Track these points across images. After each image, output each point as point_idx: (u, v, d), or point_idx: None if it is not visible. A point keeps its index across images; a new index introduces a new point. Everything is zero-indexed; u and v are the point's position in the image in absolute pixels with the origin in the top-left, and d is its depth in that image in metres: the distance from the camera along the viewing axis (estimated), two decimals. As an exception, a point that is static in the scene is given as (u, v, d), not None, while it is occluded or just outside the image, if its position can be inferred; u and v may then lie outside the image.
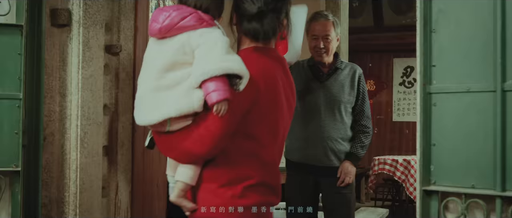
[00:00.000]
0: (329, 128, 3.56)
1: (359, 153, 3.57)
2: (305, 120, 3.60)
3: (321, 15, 3.54)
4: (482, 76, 2.15)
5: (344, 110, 3.57)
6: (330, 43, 3.48)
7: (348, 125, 3.61)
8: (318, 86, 3.54)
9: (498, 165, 2.08)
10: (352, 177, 3.54)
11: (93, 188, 2.96)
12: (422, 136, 2.24)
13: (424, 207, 2.24)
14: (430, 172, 2.23)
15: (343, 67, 3.55)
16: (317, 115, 3.55)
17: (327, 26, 3.49)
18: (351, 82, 3.53)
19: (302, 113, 3.60)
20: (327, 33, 3.48)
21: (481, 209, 2.15)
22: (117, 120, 3.19)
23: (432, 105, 2.23)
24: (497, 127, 2.09)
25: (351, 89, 3.53)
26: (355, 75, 3.55)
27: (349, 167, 3.53)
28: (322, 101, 3.54)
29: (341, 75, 3.54)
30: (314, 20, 3.53)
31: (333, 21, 3.52)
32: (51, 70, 2.84)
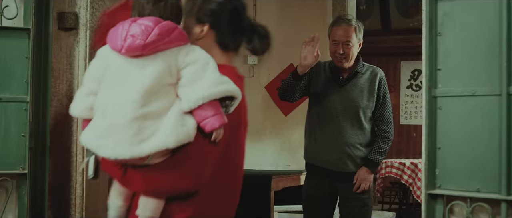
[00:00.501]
0: (347, 134, 3.51)
1: (377, 159, 3.49)
2: (324, 124, 3.55)
3: (343, 20, 3.48)
4: (487, 80, 2.15)
5: (363, 115, 3.50)
6: (350, 49, 3.41)
7: (368, 130, 3.54)
8: (338, 90, 3.49)
9: (504, 169, 2.08)
10: (368, 184, 3.49)
11: (99, 191, 2.97)
12: (427, 139, 2.24)
13: (429, 211, 2.24)
14: (435, 175, 2.23)
15: (364, 71, 3.50)
16: (335, 120, 3.51)
17: (348, 31, 3.42)
18: (371, 86, 3.47)
19: (321, 116, 3.56)
20: (348, 40, 3.40)
21: (486, 213, 2.15)
22: (124, 123, 3.20)
23: (438, 109, 2.23)
24: (502, 130, 2.09)
25: (370, 94, 3.46)
26: (376, 79, 3.49)
27: (365, 173, 3.48)
28: (340, 106, 3.48)
29: (361, 80, 3.48)
30: (336, 25, 3.48)
31: (355, 26, 3.45)
32: (58, 73, 2.86)
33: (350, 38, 3.40)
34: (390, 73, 10.19)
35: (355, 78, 3.48)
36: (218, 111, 1.63)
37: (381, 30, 9.09)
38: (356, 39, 3.44)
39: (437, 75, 2.24)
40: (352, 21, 3.47)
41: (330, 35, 3.52)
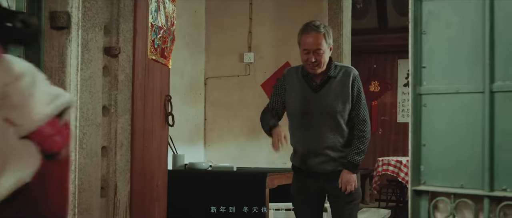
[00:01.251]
0: (327, 139, 3.53)
1: (356, 160, 3.51)
2: (304, 131, 3.56)
3: (312, 27, 3.42)
4: (471, 78, 2.18)
5: (341, 118, 3.52)
6: (322, 56, 3.38)
7: (347, 131, 3.55)
8: (313, 97, 3.48)
9: (486, 166, 2.11)
10: (353, 184, 3.53)
11: (92, 188, 3.00)
12: (413, 137, 2.27)
13: (415, 207, 2.27)
14: (420, 172, 2.26)
15: (336, 74, 3.47)
16: (315, 126, 3.53)
17: (318, 39, 3.37)
18: (345, 88, 3.44)
19: (301, 123, 3.57)
20: (319, 47, 3.36)
21: (470, 209, 2.18)
22: (116, 121, 3.23)
23: (422, 106, 2.27)
24: (485, 127, 2.12)
25: (346, 96, 3.44)
26: (349, 80, 3.46)
27: (347, 175, 3.51)
28: (317, 112, 3.50)
29: (335, 83, 3.46)
30: (305, 33, 3.42)
31: (324, 32, 3.39)
32: (50, 72, 2.88)
33: (321, 46, 3.36)
34: (387, 72, 10.22)
35: (329, 83, 3.46)
36: (59, 128, 1.46)
37: (378, 29, 9.12)
38: (326, 45, 3.39)
39: (422, 73, 2.27)
40: (320, 27, 3.40)
41: (300, 43, 3.45)
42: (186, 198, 4.59)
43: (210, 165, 4.91)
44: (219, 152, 6.36)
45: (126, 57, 3.29)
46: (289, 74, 3.56)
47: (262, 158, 6.08)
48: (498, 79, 2.11)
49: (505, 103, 2.09)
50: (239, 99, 6.32)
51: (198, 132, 6.36)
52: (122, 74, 3.27)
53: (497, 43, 2.12)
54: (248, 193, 4.41)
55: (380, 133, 9.97)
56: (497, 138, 2.10)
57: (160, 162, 3.66)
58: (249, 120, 6.25)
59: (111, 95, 3.22)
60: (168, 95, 3.73)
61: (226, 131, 6.38)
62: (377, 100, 10.02)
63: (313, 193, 3.65)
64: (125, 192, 3.26)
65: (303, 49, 3.40)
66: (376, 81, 10.08)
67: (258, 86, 6.25)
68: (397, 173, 7.47)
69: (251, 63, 6.27)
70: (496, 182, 2.10)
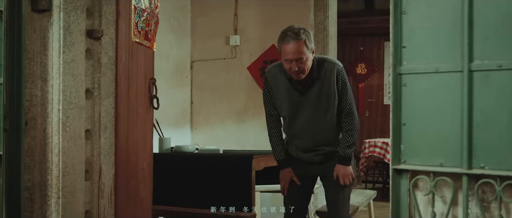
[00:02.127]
0: (321, 136, 3.59)
1: (347, 153, 3.52)
2: (298, 128, 3.63)
3: (291, 36, 3.30)
4: (450, 57, 2.19)
5: (332, 115, 3.51)
6: (305, 64, 3.32)
7: (339, 125, 3.63)
8: (300, 100, 3.50)
9: (465, 144, 2.13)
10: (350, 175, 3.57)
11: (76, 172, 3.00)
12: (393, 116, 2.29)
13: (395, 186, 2.29)
14: (400, 151, 2.28)
15: (320, 74, 3.44)
16: (307, 125, 3.55)
17: (299, 47, 3.28)
18: (330, 86, 3.45)
19: (294, 123, 3.63)
20: (301, 56, 3.29)
21: (449, 187, 2.21)
22: (100, 104, 3.22)
23: (403, 86, 2.28)
24: (464, 106, 2.14)
25: (332, 94, 3.47)
26: (333, 75, 3.44)
27: (343, 169, 3.55)
28: (307, 113, 3.51)
29: (319, 83, 3.45)
30: (285, 42, 3.32)
31: (305, 39, 3.29)
32: (32, 55, 2.87)
33: (303, 54, 3.29)
34: (373, 54, 10.25)
35: (313, 84, 3.45)
36: None
37: (365, 11, 9.13)
38: (309, 51, 3.33)
39: (402, 52, 2.28)
40: (300, 34, 3.30)
41: (281, 52, 3.38)
42: (172, 180, 4.61)
43: (197, 147, 4.92)
44: (205, 135, 6.38)
45: (109, 40, 3.28)
46: (272, 76, 3.55)
47: (248, 140, 6.11)
48: (476, 58, 2.13)
49: (483, 82, 2.11)
50: (225, 82, 6.33)
51: (184, 115, 6.36)
52: (105, 57, 3.26)
53: (475, 22, 2.13)
54: (235, 175, 4.43)
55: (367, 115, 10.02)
56: (475, 117, 2.12)
57: (145, 145, 3.66)
58: (235, 102, 6.27)
59: (94, 78, 3.20)
60: (152, 78, 3.72)
61: (213, 114, 6.40)
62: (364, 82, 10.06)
63: (305, 177, 3.70)
64: (109, 175, 3.26)
65: (284, 58, 3.34)
66: (363, 64, 10.11)
67: (245, 69, 6.26)
68: (384, 155, 7.54)
69: (237, 46, 6.28)
70: (474, 160, 2.13)
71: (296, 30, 3.31)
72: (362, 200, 5.10)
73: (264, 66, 6.12)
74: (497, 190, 2.08)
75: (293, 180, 3.66)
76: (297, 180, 3.63)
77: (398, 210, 2.27)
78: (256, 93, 6.19)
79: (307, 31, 3.37)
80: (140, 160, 3.63)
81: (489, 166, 2.10)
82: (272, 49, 6.13)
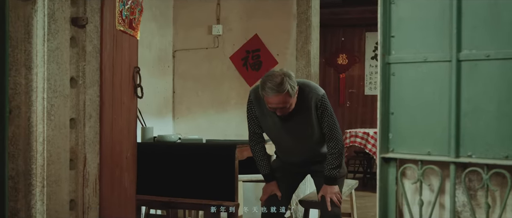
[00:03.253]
0: (307, 153, 3.70)
1: (333, 174, 3.53)
2: (285, 148, 3.75)
3: (272, 89, 3.22)
4: (438, 47, 2.21)
5: (317, 137, 3.59)
6: (289, 108, 3.33)
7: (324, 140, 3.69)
8: (283, 126, 3.52)
9: (453, 133, 2.15)
10: (338, 193, 3.59)
11: (61, 160, 2.97)
12: (381, 105, 2.30)
13: (383, 174, 2.31)
14: (388, 140, 2.30)
15: (301, 105, 3.44)
16: (293, 146, 3.66)
17: (282, 99, 3.26)
18: (310, 114, 3.46)
19: (280, 143, 3.75)
20: (285, 105, 3.29)
21: (436, 175, 2.23)
22: (84, 93, 3.19)
23: (391, 75, 2.29)
24: (451, 95, 2.16)
25: (313, 121, 3.49)
26: (311, 106, 3.44)
27: (329, 188, 3.57)
28: (291, 137, 3.59)
29: (301, 112, 3.46)
30: (266, 95, 3.28)
31: (287, 89, 3.23)
32: (16, 43, 2.83)
33: (287, 103, 3.28)
34: (355, 44, 10.29)
35: (295, 113, 3.44)
36: None
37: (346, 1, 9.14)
38: (292, 97, 3.30)
39: (391, 42, 2.30)
40: (283, 85, 3.21)
41: (264, 98, 3.35)
42: (155, 170, 4.59)
43: (179, 137, 4.91)
44: (188, 125, 6.35)
45: (94, 28, 3.25)
46: (255, 98, 3.54)
47: (231, 130, 6.10)
48: (464, 48, 2.15)
49: (471, 72, 2.13)
50: (207, 72, 6.31)
51: (166, 104, 6.34)
52: (90, 45, 3.22)
53: (464, 12, 2.15)
54: (218, 165, 4.42)
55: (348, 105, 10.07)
56: (463, 106, 2.14)
57: (129, 134, 3.64)
58: (218, 92, 6.25)
59: (78, 66, 3.17)
60: (136, 67, 3.70)
61: (195, 103, 6.37)
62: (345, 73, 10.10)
63: (295, 173, 3.76)
64: (94, 164, 3.24)
65: (269, 106, 3.32)
66: (344, 54, 10.15)
67: (227, 59, 6.24)
68: (365, 145, 7.58)
69: (220, 35, 6.25)
70: (461, 149, 2.15)
71: (278, 82, 3.21)
72: (344, 189, 5.12)
73: (247, 56, 6.12)
74: (484, 178, 2.11)
75: (275, 192, 3.72)
76: (279, 194, 3.66)
77: (386, 198, 2.29)
78: (239, 83, 6.18)
79: (288, 75, 3.28)
80: (124, 149, 3.61)
81: (476, 155, 2.13)
82: (254, 39, 6.12)
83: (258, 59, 6.07)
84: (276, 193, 3.66)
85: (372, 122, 9.97)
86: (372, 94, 10.12)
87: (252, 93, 3.58)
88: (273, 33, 6.04)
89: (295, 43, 5.93)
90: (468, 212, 2.20)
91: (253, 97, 3.54)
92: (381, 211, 2.28)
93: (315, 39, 6.01)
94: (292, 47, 5.95)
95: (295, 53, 5.90)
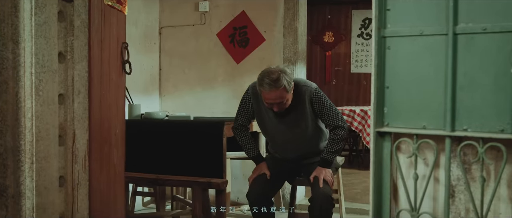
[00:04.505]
0: (303, 148, 3.74)
1: (329, 158, 3.60)
2: (280, 144, 3.80)
3: (270, 84, 3.32)
4: (434, 20, 2.19)
5: (312, 130, 3.63)
6: (286, 103, 3.42)
7: (321, 129, 3.71)
8: (279, 122, 3.62)
9: (448, 106, 2.15)
10: (329, 174, 3.61)
11: (50, 137, 2.93)
12: (376, 79, 2.29)
13: (377, 149, 2.30)
14: (383, 114, 2.29)
15: (296, 100, 3.51)
16: (289, 141, 3.72)
17: (279, 94, 3.34)
18: (305, 109, 3.54)
19: (275, 140, 3.80)
20: (281, 101, 3.38)
21: (431, 149, 2.22)
22: (73, 68, 3.14)
23: (386, 49, 2.27)
24: (448, 69, 2.15)
25: (308, 116, 3.57)
26: (306, 101, 3.51)
27: (323, 170, 3.59)
28: (287, 132, 3.66)
29: (297, 108, 3.54)
30: (264, 90, 3.36)
31: (284, 84, 3.32)
32: (2, 17, 2.77)
33: (283, 99, 3.36)
34: (341, 22, 10.26)
35: (291, 109, 3.53)
36: None
37: (332, -21, 9.11)
38: (289, 93, 3.38)
39: (386, 15, 2.27)
40: (279, 80, 3.31)
41: (261, 94, 3.43)
42: (143, 147, 4.56)
43: (167, 114, 4.87)
44: (174, 102, 6.32)
45: (82, 2, 3.18)
46: (254, 94, 3.63)
47: (218, 107, 6.08)
48: (461, 22, 2.13)
49: (468, 45, 2.12)
50: (194, 49, 6.26)
51: (153, 82, 6.29)
52: (78, 20, 3.17)
53: (460, -15, 2.13)
54: (206, 142, 4.40)
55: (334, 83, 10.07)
56: (459, 80, 2.13)
57: (117, 111, 3.59)
58: (204, 69, 6.21)
59: (67, 41, 3.12)
60: (124, 43, 3.65)
61: (182, 81, 6.33)
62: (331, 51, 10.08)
63: (286, 169, 3.79)
64: (83, 140, 3.20)
65: (265, 101, 3.42)
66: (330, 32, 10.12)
67: (214, 36, 6.19)
68: (351, 122, 7.60)
69: (207, 12, 6.19)
70: (457, 122, 2.15)
71: (275, 78, 3.30)
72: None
73: (234, 32, 6.07)
74: (480, 152, 2.10)
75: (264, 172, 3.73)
76: (268, 173, 3.68)
77: (380, 172, 2.28)
78: (226, 61, 6.14)
79: (284, 71, 3.36)
80: (113, 125, 3.57)
81: (471, 128, 2.12)
82: (242, 16, 6.07)
83: (245, 36, 6.03)
84: (265, 172, 3.67)
85: (358, 100, 10.00)
86: (358, 72, 10.13)
87: (250, 88, 3.67)
88: (260, 10, 5.99)
89: (283, 20, 5.89)
90: (463, 186, 2.20)
91: (251, 92, 3.64)
92: (375, 185, 2.27)
93: (302, 16, 5.98)
94: (279, 24, 5.91)
95: (283, 30, 5.86)
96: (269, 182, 3.71)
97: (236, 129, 3.86)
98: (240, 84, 6.02)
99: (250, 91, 3.66)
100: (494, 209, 2.15)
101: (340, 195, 4.69)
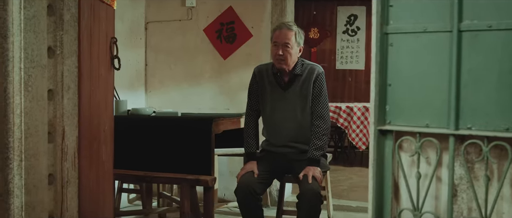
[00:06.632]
0: (295, 133, 3.78)
1: (315, 155, 3.67)
2: (274, 125, 3.84)
3: (284, 25, 3.68)
4: (438, 17, 2.16)
5: (307, 113, 3.76)
6: (289, 52, 3.60)
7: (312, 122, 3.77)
8: (281, 95, 3.73)
9: (452, 104, 2.12)
10: (317, 172, 3.61)
11: (39, 133, 2.85)
12: (378, 76, 2.25)
13: (379, 147, 2.27)
14: (385, 112, 2.25)
15: (302, 71, 3.69)
16: (283, 121, 3.78)
17: (288, 34, 3.60)
18: (307, 86, 3.66)
19: (271, 119, 3.85)
20: (287, 42, 3.59)
21: (434, 148, 2.19)
22: (62, 63, 3.06)
23: (389, 46, 2.24)
24: (452, 66, 2.12)
25: (309, 93, 3.67)
26: (312, 77, 3.67)
27: (312, 168, 3.61)
28: (286, 108, 3.75)
29: (300, 82, 3.68)
30: (278, 29, 3.68)
31: (295, 31, 3.64)
32: (-10, 10, 2.69)
33: (289, 41, 3.60)
34: (326, 19, 10.24)
35: (295, 81, 3.70)
36: None
37: (318, -25, 9.07)
38: (295, 43, 3.63)
39: (389, 12, 2.24)
40: (293, 26, 3.67)
41: (272, 38, 3.71)
42: (130, 144, 4.49)
43: (154, 110, 4.80)
44: (160, 98, 6.24)
45: (72, -5, 3.11)
46: (259, 71, 3.83)
47: (204, 103, 6.02)
48: (466, 18, 2.10)
49: (472, 42, 2.09)
50: (181, 44, 6.18)
51: (138, 77, 6.20)
52: (68, 14, 3.09)
53: (465, -19, 2.10)
54: (194, 139, 4.34)
55: (319, 79, 10.05)
56: (463, 77, 2.11)
57: (106, 107, 3.52)
58: (191, 65, 6.14)
59: (56, 36, 3.04)
60: (113, 38, 3.58)
61: (168, 77, 6.25)
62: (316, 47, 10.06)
63: (276, 167, 3.78)
64: (73, 137, 3.13)
65: (274, 42, 3.67)
66: (316, 28, 10.10)
67: (201, 31, 6.12)
68: (336, 119, 7.58)
69: (193, 7, 6.12)
70: (461, 121, 2.12)
71: (291, 23, 3.73)
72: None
73: (221, 28, 6.01)
74: (484, 151, 2.08)
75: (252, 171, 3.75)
76: (257, 172, 3.71)
77: (382, 171, 2.25)
78: (213, 56, 6.07)
79: (301, 30, 3.72)
80: (102, 122, 3.50)
81: (476, 127, 2.10)
82: (229, 11, 6.01)
83: (232, 32, 5.97)
84: (253, 170, 3.69)
85: (343, 96, 9.99)
86: (343, 68, 10.12)
87: (256, 68, 3.88)
88: (247, 5, 5.93)
89: (270, 16, 5.84)
90: (466, 185, 2.18)
91: (257, 71, 3.83)
92: (377, 184, 2.24)
93: (290, 12, 5.94)
94: (267, 20, 5.86)
95: (270, 26, 5.81)
96: (257, 179, 3.69)
97: (248, 115, 3.97)
98: (227, 81, 5.96)
99: (255, 71, 3.86)
100: (497, 209, 2.13)
101: (327, 192, 4.68)
